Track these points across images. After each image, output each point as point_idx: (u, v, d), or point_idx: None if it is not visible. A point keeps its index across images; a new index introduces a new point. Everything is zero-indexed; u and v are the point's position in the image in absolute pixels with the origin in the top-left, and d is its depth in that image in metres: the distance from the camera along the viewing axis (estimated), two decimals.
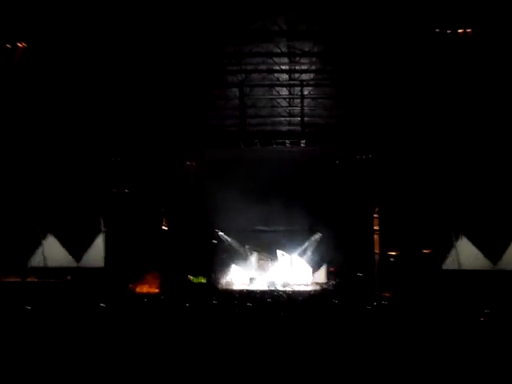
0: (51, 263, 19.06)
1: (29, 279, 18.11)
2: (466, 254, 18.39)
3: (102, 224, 19.14)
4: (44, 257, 19.09)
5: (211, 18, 13.24)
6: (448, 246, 18.76)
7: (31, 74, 14.85)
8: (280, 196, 19.42)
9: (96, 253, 19.03)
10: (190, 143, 17.85)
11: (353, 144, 17.66)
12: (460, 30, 13.25)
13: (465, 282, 16.78)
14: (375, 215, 20.28)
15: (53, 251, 19.18)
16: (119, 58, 14.84)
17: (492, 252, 17.86)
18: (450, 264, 18.50)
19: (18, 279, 17.80)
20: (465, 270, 18.13)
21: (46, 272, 18.57)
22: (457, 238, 18.65)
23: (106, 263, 18.60)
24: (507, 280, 16.18)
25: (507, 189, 16.86)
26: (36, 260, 19.10)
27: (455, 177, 17.46)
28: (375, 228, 20.22)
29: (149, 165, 19.27)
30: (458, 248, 18.54)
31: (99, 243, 19.11)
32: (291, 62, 16.38)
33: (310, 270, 21.84)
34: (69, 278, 18.61)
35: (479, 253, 18.12)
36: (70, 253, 19.12)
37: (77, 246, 19.07)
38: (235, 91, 16.88)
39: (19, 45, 13.85)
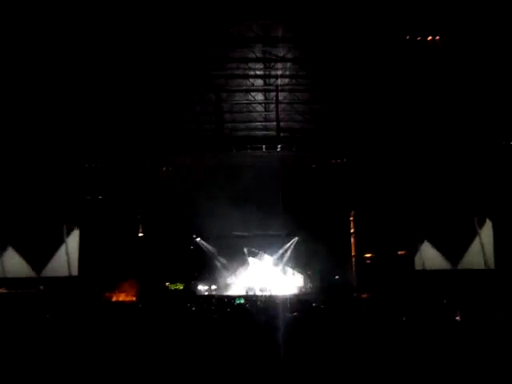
0: (10, 274, 18.37)
1: None
2: (429, 256, 19.38)
3: (65, 233, 18.69)
4: (3, 267, 18.41)
5: (187, 23, 13.21)
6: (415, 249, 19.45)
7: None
8: (257, 201, 19.45)
9: (71, 261, 18.59)
10: (166, 148, 17.71)
11: (328, 148, 17.89)
12: (429, 38, 13.66)
13: (435, 281, 17.58)
14: (351, 218, 20.58)
15: (13, 262, 18.49)
16: (94, 62, 14.61)
17: (452, 254, 18.97)
18: (417, 265, 19.43)
19: None
20: (435, 270, 18.90)
21: (18, 282, 18.06)
22: (421, 242, 19.51)
23: (80, 271, 18.23)
24: (471, 278, 17.28)
25: (467, 195, 17.78)
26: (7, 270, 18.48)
27: (420, 182, 18.03)
28: (351, 231, 20.51)
29: (124, 170, 19.01)
30: (422, 251, 19.51)
31: (75, 251, 18.68)
32: (266, 67, 16.53)
33: (288, 273, 21.94)
34: (41, 288, 18.14)
35: (440, 255, 19.18)
36: (30, 264, 18.51)
37: (38, 256, 18.45)
38: (211, 96, 16.89)
39: None
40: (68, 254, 18.89)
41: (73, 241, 19.07)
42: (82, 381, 5.69)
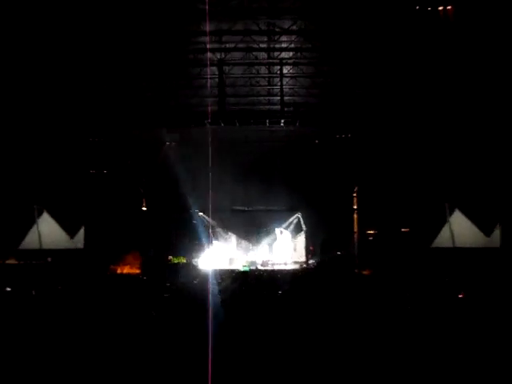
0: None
1: (8, 261, 17.89)
2: (460, 229, 18.42)
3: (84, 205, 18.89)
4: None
5: None
6: (425, 225, 19.04)
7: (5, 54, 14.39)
8: (259, 176, 19.45)
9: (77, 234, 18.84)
10: (168, 123, 17.66)
11: (332, 123, 17.69)
12: (440, 8, 13.24)
13: (443, 260, 17.02)
14: (354, 194, 20.52)
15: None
16: (96, 36, 14.47)
17: (485, 226, 18.19)
18: (442, 241, 18.52)
19: None
20: (443, 248, 18.51)
21: (26, 254, 18.38)
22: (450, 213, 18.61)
23: (85, 244, 18.48)
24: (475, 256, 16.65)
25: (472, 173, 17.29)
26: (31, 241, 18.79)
27: (432, 157, 17.72)
28: (354, 207, 20.49)
29: (127, 145, 19.04)
30: (453, 224, 18.48)
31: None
32: (270, 40, 16.24)
33: (290, 249, 22.08)
34: (49, 259, 18.44)
35: (473, 226, 18.21)
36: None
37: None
38: (214, 70, 16.69)
39: None
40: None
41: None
42: (91, 350, 5.83)
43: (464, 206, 18.65)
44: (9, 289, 11.78)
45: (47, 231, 19.11)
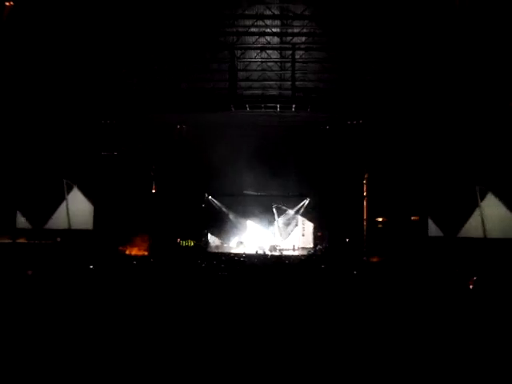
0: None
1: (19, 240, 18.15)
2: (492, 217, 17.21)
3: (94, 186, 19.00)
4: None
5: None
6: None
7: (20, 34, 14.45)
8: (270, 161, 19.41)
9: (86, 215, 18.99)
10: (180, 106, 17.63)
11: (344, 109, 17.50)
12: None
13: (452, 250, 16.83)
14: (365, 181, 20.40)
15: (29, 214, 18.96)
16: (110, 19, 14.47)
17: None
18: (472, 231, 17.46)
19: (9, 240, 17.83)
20: (450, 238, 18.26)
21: (36, 233, 18.60)
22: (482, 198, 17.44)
23: (95, 225, 18.65)
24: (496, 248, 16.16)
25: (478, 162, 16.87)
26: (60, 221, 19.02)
27: (437, 146, 17.50)
28: (364, 194, 20.38)
29: (138, 128, 19.08)
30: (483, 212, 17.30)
31: (90, 205, 19.03)
32: (283, 24, 16.09)
33: (298, 234, 22.12)
34: (58, 239, 18.66)
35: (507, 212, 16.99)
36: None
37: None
38: (226, 54, 16.58)
39: (6, 4, 13.46)
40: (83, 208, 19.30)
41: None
42: (93, 330, 5.92)
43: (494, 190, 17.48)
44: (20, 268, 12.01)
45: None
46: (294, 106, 17.08)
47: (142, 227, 18.69)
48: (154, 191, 20.00)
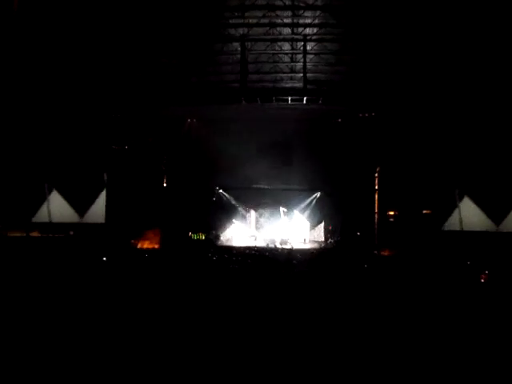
0: (56, 219, 19.17)
1: (32, 234, 18.34)
2: (469, 214, 18.17)
3: (106, 180, 19.16)
4: (49, 212, 19.18)
5: None
6: (448, 207, 18.72)
7: (31, 26, 14.49)
8: (280, 154, 19.29)
9: (98, 209, 19.15)
10: (190, 100, 17.58)
11: (356, 101, 17.31)
12: None
13: (464, 243, 16.70)
14: (376, 175, 20.22)
15: (58, 207, 19.27)
16: (120, 12, 14.44)
17: (495, 213, 17.74)
18: (451, 225, 18.32)
19: (23, 234, 18.03)
20: (464, 232, 18.12)
21: (49, 227, 18.77)
22: (460, 199, 18.40)
23: (107, 219, 18.76)
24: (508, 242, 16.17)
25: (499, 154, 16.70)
26: (41, 215, 19.21)
27: (458, 137, 17.25)
28: (376, 187, 20.22)
29: (149, 122, 19.08)
30: (461, 208, 18.28)
31: (102, 199, 19.19)
32: (294, 15, 15.90)
33: (309, 228, 22.03)
34: (71, 233, 18.81)
35: (482, 213, 17.95)
36: (74, 208, 19.25)
37: (81, 201, 19.17)
38: (236, 46, 16.47)
39: None
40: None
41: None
42: (105, 320, 5.94)
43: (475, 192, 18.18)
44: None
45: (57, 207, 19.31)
46: (305, 98, 16.94)
47: (153, 221, 18.75)
48: (165, 185, 20.03)
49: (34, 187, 18.88)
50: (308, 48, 16.37)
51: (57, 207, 19.29)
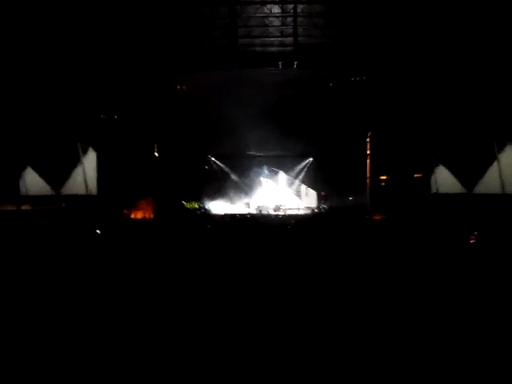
0: (32, 192, 18.77)
1: (23, 207, 18.20)
2: (443, 179, 18.84)
3: (81, 152, 18.73)
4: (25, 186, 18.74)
5: None
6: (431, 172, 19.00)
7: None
8: (272, 120, 19.14)
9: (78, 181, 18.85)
10: (179, 66, 17.22)
11: (347, 65, 17.10)
12: None
13: (450, 205, 17.13)
14: (368, 139, 20.22)
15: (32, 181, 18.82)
16: None
17: (468, 179, 18.25)
18: (431, 188, 18.98)
19: (14, 207, 17.88)
20: (451, 194, 18.44)
21: (40, 200, 18.61)
22: (436, 164, 18.93)
23: (99, 190, 18.65)
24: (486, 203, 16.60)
25: (488, 118, 16.80)
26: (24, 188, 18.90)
27: (440, 104, 17.25)
28: (368, 152, 20.25)
29: (138, 90, 18.72)
30: (436, 173, 18.95)
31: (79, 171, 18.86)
32: None
33: (302, 194, 22.16)
34: (63, 205, 18.70)
35: (455, 179, 18.59)
36: (49, 182, 18.88)
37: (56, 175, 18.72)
38: (225, 10, 16.01)
39: None
40: (85, 173, 19.18)
41: (89, 160, 19.27)
42: (100, 293, 5.98)
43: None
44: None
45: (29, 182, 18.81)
46: (295, 63, 16.65)
47: (146, 190, 18.70)
48: (156, 154, 19.89)
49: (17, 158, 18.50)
50: (298, 10, 15.96)
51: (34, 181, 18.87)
